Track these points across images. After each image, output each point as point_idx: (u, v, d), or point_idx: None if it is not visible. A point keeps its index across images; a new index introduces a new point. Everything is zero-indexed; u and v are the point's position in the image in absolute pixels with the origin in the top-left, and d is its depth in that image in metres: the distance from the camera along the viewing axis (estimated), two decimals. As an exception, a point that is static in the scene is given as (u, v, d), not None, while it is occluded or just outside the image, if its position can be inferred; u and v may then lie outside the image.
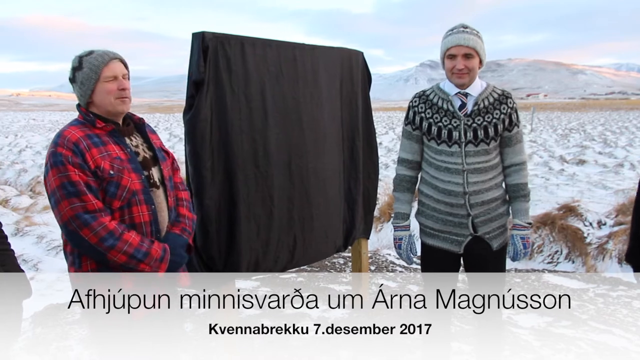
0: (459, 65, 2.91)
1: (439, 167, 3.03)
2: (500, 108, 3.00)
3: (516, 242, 3.06)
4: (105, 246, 2.23)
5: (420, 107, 3.10)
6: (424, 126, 3.07)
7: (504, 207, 3.11)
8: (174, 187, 2.66)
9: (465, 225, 3.03)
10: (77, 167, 2.25)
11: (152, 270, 2.34)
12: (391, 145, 31.55)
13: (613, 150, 26.27)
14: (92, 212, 2.23)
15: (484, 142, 2.97)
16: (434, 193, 3.07)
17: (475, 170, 2.97)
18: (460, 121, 2.98)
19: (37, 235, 9.05)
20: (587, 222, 9.06)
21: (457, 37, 2.90)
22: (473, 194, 2.98)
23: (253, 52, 3.47)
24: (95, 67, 2.37)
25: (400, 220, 3.24)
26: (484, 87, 3.03)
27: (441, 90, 3.07)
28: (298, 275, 6.18)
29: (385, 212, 11.54)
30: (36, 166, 21.83)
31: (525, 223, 3.08)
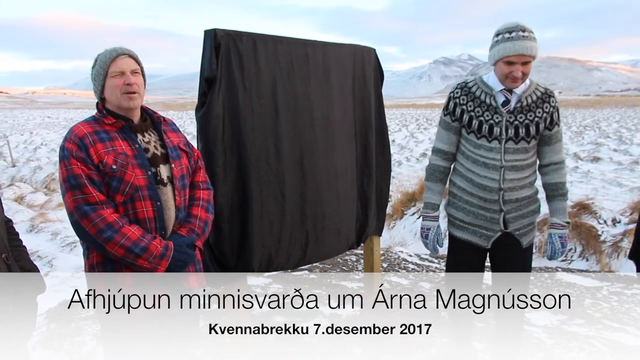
0: (517, 74, 2.88)
1: (476, 161, 3.03)
2: (542, 107, 3.00)
3: (554, 240, 3.06)
4: (103, 237, 2.26)
5: (462, 98, 3.07)
6: (464, 119, 3.06)
7: (535, 204, 3.12)
8: (194, 186, 2.67)
9: (496, 221, 3.04)
10: (80, 161, 2.31)
11: (151, 266, 2.33)
12: (404, 143, 31.46)
13: (628, 148, 26.01)
14: (92, 204, 2.28)
15: (525, 140, 2.98)
16: (467, 186, 3.07)
17: (513, 168, 2.98)
18: (502, 117, 2.97)
19: (51, 232, 9.15)
20: (602, 220, 8.99)
21: (519, 46, 2.83)
22: (508, 191, 2.99)
23: (265, 49, 3.47)
24: (104, 63, 2.44)
25: (430, 210, 3.23)
26: (527, 84, 3.02)
27: (485, 84, 3.04)
28: (310, 272, 6.20)
29: (398, 209, 11.52)
30: (51, 163, 22.03)
31: (564, 222, 3.08)
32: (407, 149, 28.54)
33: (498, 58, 2.92)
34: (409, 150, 27.55)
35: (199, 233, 2.57)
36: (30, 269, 2.43)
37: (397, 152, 26.09)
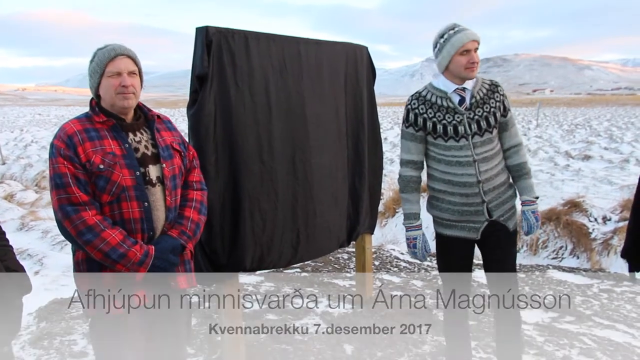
0: (474, 59, 3.05)
1: (450, 162, 3.12)
2: (494, 97, 3.17)
3: (529, 216, 3.21)
4: (83, 240, 2.26)
5: (421, 108, 3.20)
6: (428, 126, 3.17)
7: (511, 190, 3.26)
8: (187, 186, 2.64)
9: (481, 212, 3.14)
10: (66, 159, 2.30)
11: (129, 272, 2.32)
12: (396, 141, 31.47)
13: (619, 146, 26.16)
14: (75, 204, 2.27)
15: (488, 132, 3.12)
16: (448, 187, 3.16)
17: (484, 159, 3.10)
18: (462, 116, 3.11)
19: (42, 230, 9.08)
20: (592, 218, 9.04)
21: (469, 34, 3.04)
22: (485, 182, 3.11)
23: (257, 47, 3.46)
24: (101, 61, 2.42)
25: (412, 220, 3.30)
26: (475, 80, 3.17)
27: (437, 89, 3.18)
28: (302, 270, 6.19)
29: (390, 207, 11.53)
30: (41, 161, 21.90)
31: (533, 197, 3.23)
32: (399, 147, 28.57)
33: (454, 52, 3.06)
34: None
35: (190, 235, 2.53)
36: (15, 269, 2.41)
37: (389, 150, 26.10)
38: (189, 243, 2.53)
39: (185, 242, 2.50)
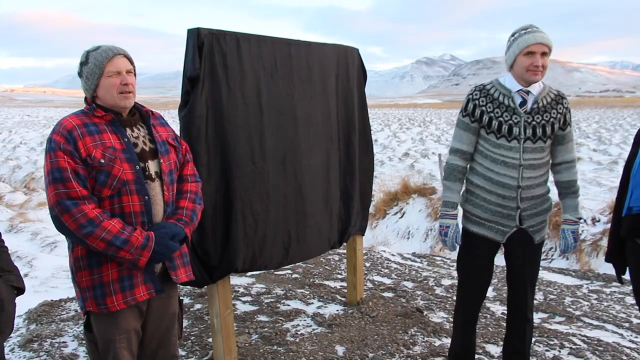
0: (537, 62, 3.00)
1: (496, 160, 3.12)
2: (557, 108, 3.13)
3: (567, 235, 3.21)
4: (84, 233, 2.25)
5: (482, 100, 3.16)
6: (484, 119, 3.15)
7: (547, 203, 3.25)
8: (182, 180, 2.66)
9: (512, 217, 3.14)
10: (66, 154, 2.29)
11: (133, 257, 2.32)
12: (387, 142, 31.59)
13: (607, 148, 26.39)
14: (75, 198, 2.26)
15: (541, 140, 3.09)
16: (486, 184, 3.16)
17: (530, 166, 3.09)
18: (520, 118, 3.08)
19: (31, 232, 9.04)
20: (582, 219, 9.10)
21: (537, 36, 2.99)
22: (525, 189, 3.10)
23: (248, 49, 3.46)
24: (100, 62, 2.42)
25: (449, 208, 3.29)
26: (542, 86, 3.14)
27: (502, 85, 3.15)
28: (293, 272, 6.20)
29: (381, 208, 11.57)
30: (30, 162, 21.77)
31: (576, 218, 3.23)
32: (390, 148, 28.66)
33: (518, 52, 3.03)
34: (391, 150, 27.67)
35: (187, 221, 2.56)
36: (9, 269, 2.40)
37: (380, 151, 26.19)
38: (187, 228, 2.54)
39: (183, 226, 2.51)
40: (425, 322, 4.55)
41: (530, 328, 3.33)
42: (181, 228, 2.50)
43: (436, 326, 4.47)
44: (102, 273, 2.37)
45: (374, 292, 5.36)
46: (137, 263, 2.34)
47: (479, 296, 3.39)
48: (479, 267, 3.31)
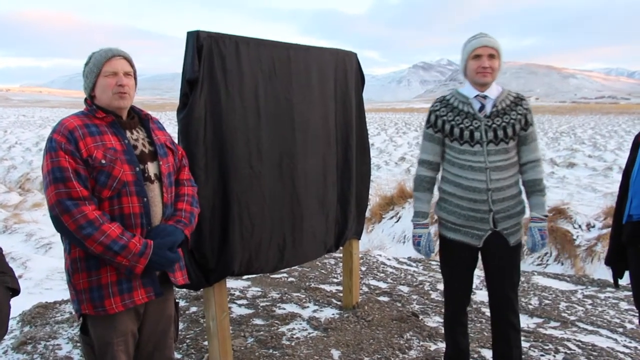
0: (484, 64, 3.12)
1: (463, 166, 3.18)
2: (516, 109, 3.22)
3: (534, 233, 3.24)
4: (83, 234, 2.25)
5: (442, 110, 3.28)
6: (446, 128, 3.24)
7: (521, 205, 3.29)
8: (179, 183, 2.68)
9: (486, 220, 3.18)
10: (68, 154, 2.30)
11: (129, 264, 2.32)
12: (383, 147, 31.61)
13: (602, 154, 26.49)
14: (75, 199, 2.26)
15: (504, 142, 3.17)
16: (457, 190, 3.22)
17: (497, 168, 3.15)
18: (481, 122, 3.17)
19: (26, 233, 9.01)
20: (577, 225, 9.14)
21: (482, 40, 3.14)
22: (495, 191, 3.15)
23: (247, 52, 3.47)
24: (98, 62, 2.46)
25: (420, 218, 3.37)
26: (500, 90, 3.24)
27: (460, 94, 3.27)
28: (289, 275, 6.19)
29: (377, 213, 11.57)
30: (26, 163, 21.71)
31: (542, 216, 3.26)
32: (386, 152, 28.70)
33: (467, 57, 3.18)
34: (387, 154, 27.70)
35: (186, 223, 2.57)
36: (4, 270, 2.39)
37: (376, 156, 26.22)
38: (186, 229, 2.56)
39: (182, 228, 2.53)
40: (420, 327, 4.56)
41: (515, 333, 3.34)
42: (180, 231, 2.52)
43: (432, 331, 4.48)
44: (101, 275, 2.37)
45: (369, 296, 5.36)
46: (134, 270, 2.35)
47: (462, 301, 3.43)
48: (459, 274, 3.37)
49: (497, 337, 3.41)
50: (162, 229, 2.47)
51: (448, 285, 3.46)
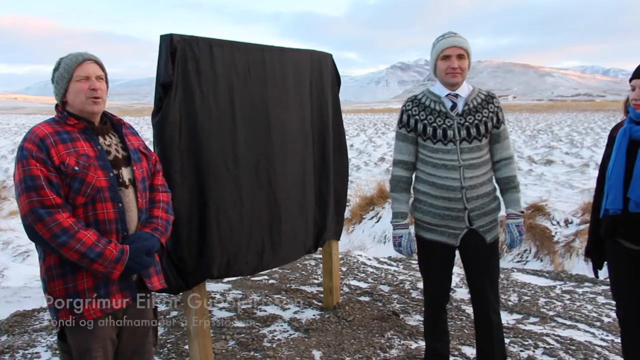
0: (453, 65, 3.13)
1: (436, 165, 3.19)
2: (488, 107, 3.24)
3: (512, 230, 3.26)
4: (58, 242, 2.23)
5: (414, 110, 3.28)
6: (418, 128, 3.25)
7: (496, 202, 3.31)
8: (153, 189, 2.66)
9: (461, 219, 3.19)
10: (39, 162, 2.27)
11: (106, 270, 2.31)
12: (362, 147, 31.69)
13: (579, 151, 26.85)
14: (48, 207, 2.24)
15: (477, 139, 3.19)
16: (431, 190, 3.23)
17: (471, 166, 3.17)
18: (453, 120, 3.18)
19: (2, 242, 8.88)
20: (555, 221, 9.26)
21: (450, 40, 3.15)
22: (469, 189, 3.16)
23: (221, 54, 3.46)
24: (69, 66, 2.43)
25: (399, 219, 3.36)
26: (470, 89, 3.26)
27: (432, 93, 3.28)
28: (269, 277, 6.18)
29: (357, 213, 11.61)
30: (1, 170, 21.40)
31: (518, 212, 3.28)
32: (366, 153, 28.78)
33: (436, 57, 3.20)
34: (367, 155, 27.79)
35: (162, 231, 2.57)
36: None
37: (356, 156, 26.29)
38: (162, 238, 2.56)
39: (159, 236, 2.53)
40: (401, 326, 4.58)
41: (497, 330, 3.36)
42: (157, 239, 2.51)
43: (412, 329, 4.50)
44: (77, 282, 2.35)
45: (350, 297, 5.38)
46: (110, 276, 2.34)
47: (441, 300, 3.45)
48: (437, 273, 3.39)
49: (479, 334, 3.43)
50: (138, 236, 2.46)
51: (427, 284, 3.48)
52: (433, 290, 3.44)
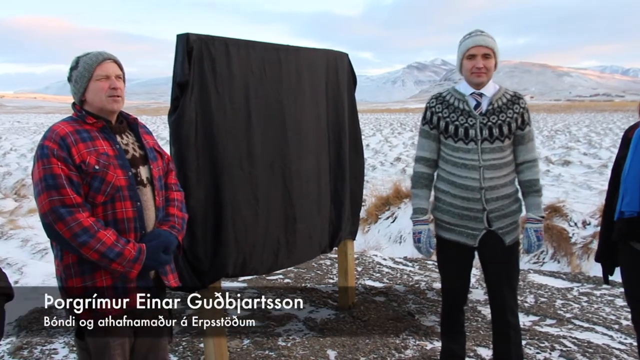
0: (478, 64, 3.09)
1: (456, 164, 3.16)
2: (513, 108, 3.18)
3: (530, 234, 3.21)
4: (78, 242, 2.24)
5: (437, 107, 3.25)
6: (441, 125, 3.22)
7: (517, 204, 3.25)
8: (167, 188, 2.67)
9: (480, 220, 3.16)
10: (60, 161, 2.28)
11: (124, 270, 2.33)
12: (378, 147, 31.62)
13: (597, 151, 26.56)
14: (69, 206, 2.25)
15: (499, 140, 3.14)
16: (450, 189, 3.20)
17: (491, 167, 3.13)
18: (476, 120, 3.14)
19: (21, 239, 8.99)
20: (572, 222, 9.15)
21: (476, 39, 3.11)
22: (489, 190, 3.12)
23: (237, 54, 3.47)
24: (89, 65, 2.44)
25: (419, 215, 3.34)
26: (497, 88, 3.21)
27: (457, 91, 3.24)
28: (284, 276, 6.19)
29: (372, 213, 11.57)
30: (21, 169, 21.65)
31: (538, 217, 3.23)
32: (382, 153, 28.70)
33: (461, 56, 3.17)
34: (383, 155, 27.71)
35: (179, 229, 2.59)
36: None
37: (372, 156, 26.22)
38: (179, 235, 2.58)
39: (177, 234, 2.55)
40: (416, 326, 4.56)
41: (515, 332, 3.31)
42: (175, 237, 2.53)
43: (427, 330, 4.49)
44: (96, 279, 2.37)
45: (365, 297, 5.37)
46: (128, 275, 2.36)
47: (459, 300, 3.41)
48: (455, 273, 3.35)
49: (496, 336, 3.39)
50: (156, 234, 2.48)
51: (445, 284, 3.45)
52: (450, 290, 3.41)
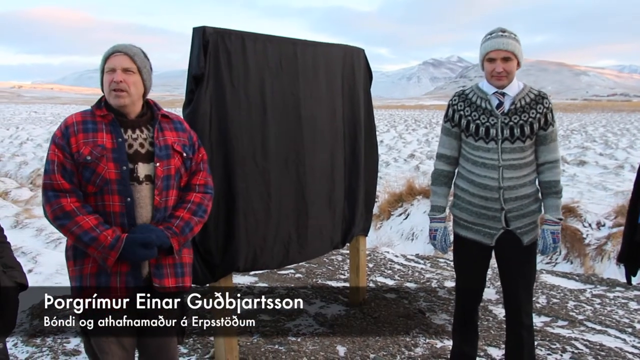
0: (497, 69, 3.04)
1: (476, 163, 3.14)
2: (536, 108, 3.12)
3: (546, 236, 3.17)
4: (58, 224, 2.34)
5: (460, 105, 3.21)
6: (462, 123, 3.19)
7: (536, 204, 3.22)
8: (188, 189, 2.58)
9: (498, 219, 3.13)
10: (58, 148, 2.38)
11: (101, 255, 2.32)
12: (392, 144, 31.54)
13: (614, 152, 26.30)
14: (56, 190, 2.34)
15: (520, 140, 3.09)
16: (469, 187, 3.17)
17: (511, 167, 3.09)
18: (497, 119, 3.10)
19: (36, 228, 9.08)
20: (587, 223, 9.08)
21: (496, 42, 3.04)
22: (507, 189, 3.09)
23: (253, 48, 3.47)
24: (102, 59, 2.48)
25: (436, 212, 3.33)
26: (520, 87, 3.15)
27: (480, 89, 3.19)
28: (296, 271, 6.20)
29: (385, 210, 11.55)
30: (37, 159, 21.85)
31: (556, 219, 3.19)
32: (395, 149, 28.63)
33: (481, 58, 3.12)
34: (397, 151, 27.64)
35: (176, 232, 2.46)
36: (12, 265, 2.41)
37: (385, 152, 26.16)
38: (174, 238, 2.45)
39: (170, 236, 2.43)
40: (427, 324, 4.55)
41: (528, 333, 3.28)
42: (164, 236, 2.42)
43: (438, 328, 4.47)
44: (83, 265, 2.42)
45: (376, 293, 5.36)
46: (106, 262, 2.34)
47: (473, 299, 3.38)
48: (471, 271, 3.32)
49: (509, 337, 3.37)
50: (143, 228, 2.41)
51: (459, 283, 3.42)
52: (465, 290, 3.37)
